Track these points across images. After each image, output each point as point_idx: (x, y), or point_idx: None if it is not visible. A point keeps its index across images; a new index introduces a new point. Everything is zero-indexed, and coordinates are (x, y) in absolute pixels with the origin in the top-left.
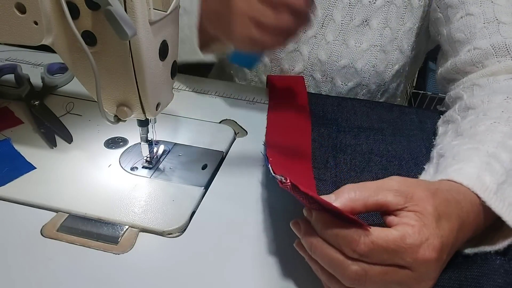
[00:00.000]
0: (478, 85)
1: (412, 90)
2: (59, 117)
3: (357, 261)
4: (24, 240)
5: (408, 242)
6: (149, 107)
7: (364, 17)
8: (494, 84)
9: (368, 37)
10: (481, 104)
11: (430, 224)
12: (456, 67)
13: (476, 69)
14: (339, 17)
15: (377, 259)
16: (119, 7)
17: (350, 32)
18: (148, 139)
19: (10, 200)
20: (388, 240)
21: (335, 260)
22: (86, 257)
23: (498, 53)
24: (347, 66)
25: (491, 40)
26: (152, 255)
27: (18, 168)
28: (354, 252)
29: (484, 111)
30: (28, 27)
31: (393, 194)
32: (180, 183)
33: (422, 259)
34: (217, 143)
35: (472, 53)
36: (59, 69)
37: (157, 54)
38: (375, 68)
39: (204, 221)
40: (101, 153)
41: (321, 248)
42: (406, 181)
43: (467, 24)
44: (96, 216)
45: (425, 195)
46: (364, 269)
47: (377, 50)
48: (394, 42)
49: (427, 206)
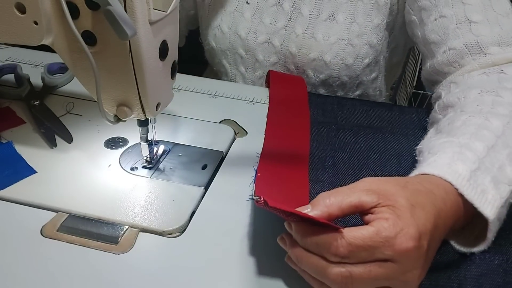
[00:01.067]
0: (454, 83)
1: (412, 90)
2: (59, 117)
3: (340, 264)
4: (24, 240)
5: (384, 235)
6: (149, 107)
7: (331, 12)
8: (469, 80)
9: (335, 30)
10: (457, 101)
11: (403, 215)
12: (435, 68)
13: (453, 69)
14: (307, 11)
15: (358, 258)
16: (119, 7)
17: (318, 26)
18: (148, 139)
19: (10, 200)
20: (364, 238)
21: (319, 267)
22: (86, 257)
23: (472, 51)
24: (316, 59)
25: (464, 40)
26: (152, 255)
27: (19, 172)
28: (335, 255)
29: (461, 107)
30: (28, 27)
31: (365, 194)
32: (180, 183)
33: (400, 250)
34: (217, 143)
35: (447, 54)
36: (59, 69)
37: (157, 54)
38: (344, 61)
39: (204, 221)
40: (101, 153)
41: (305, 257)
42: (377, 180)
43: (441, 25)
44: (96, 216)
45: (395, 189)
46: (348, 270)
47: (344, 44)
48: (362, 37)
49: (398, 199)
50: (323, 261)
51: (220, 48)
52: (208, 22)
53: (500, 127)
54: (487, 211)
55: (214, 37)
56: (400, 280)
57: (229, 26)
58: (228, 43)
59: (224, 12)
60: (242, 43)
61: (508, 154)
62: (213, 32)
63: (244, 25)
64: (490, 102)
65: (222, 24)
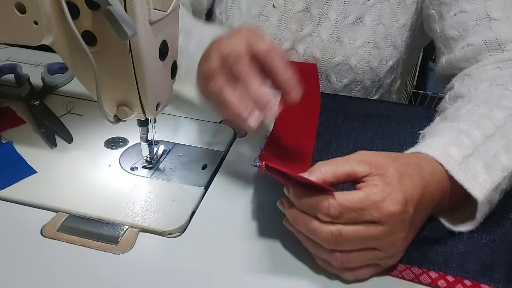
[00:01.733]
0: (468, 75)
1: (412, 90)
2: (59, 117)
3: (331, 223)
4: (24, 240)
5: (372, 199)
6: (149, 107)
7: (358, 15)
8: (483, 73)
9: (361, 34)
10: (468, 92)
11: (391, 182)
12: (451, 63)
13: (470, 65)
14: (334, 15)
15: (347, 219)
16: (119, 7)
17: (344, 30)
18: (148, 139)
19: (10, 200)
20: (354, 200)
21: (312, 226)
22: (86, 257)
23: (490, 48)
24: (341, 63)
25: (483, 36)
26: (152, 255)
27: (19, 172)
28: (326, 215)
29: (469, 98)
30: (28, 27)
31: (358, 164)
32: (180, 183)
33: (387, 212)
34: (217, 143)
35: (465, 50)
36: (59, 69)
37: (157, 54)
38: (369, 64)
39: (204, 221)
40: (101, 153)
41: (300, 218)
42: (369, 152)
43: (460, 21)
44: (96, 216)
45: (386, 160)
46: (338, 229)
47: (370, 47)
48: (387, 38)
49: (388, 169)
50: (316, 221)
51: None
52: (229, 22)
53: (502, 118)
54: (476, 193)
55: None
56: (387, 242)
57: None
58: None
59: (249, 15)
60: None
61: (505, 144)
62: None
63: (270, 31)
64: (497, 95)
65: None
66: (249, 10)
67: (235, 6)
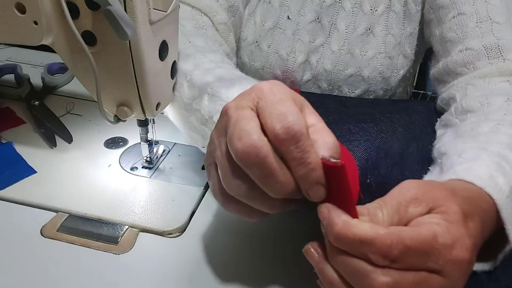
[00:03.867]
0: (472, 85)
1: (412, 90)
2: (59, 117)
3: (385, 269)
4: (24, 240)
5: (441, 241)
6: (149, 107)
7: (367, 25)
8: (491, 85)
9: (372, 45)
10: (480, 107)
11: (457, 222)
12: (448, 67)
13: (467, 71)
14: (343, 26)
15: (409, 264)
16: (119, 7)
17: (355, 41)
18: (148, 139)
19: (10, 200)
20: (420, 240)
21: (361, 271)
22: (86, 257)
23: (490, 55)
24: (354, 75)
25: (483, 40)
26: (152, 255)
27: (18, 172)
28: (385, 258)
29: (485, 114)
30: (28, 27)
31: (413, 206)
32: (180, 183)
33: (456, 260)
34: None
35: (464, 54)
36: (59, 69)
37: (157, 54)
38: (382, 75)
39: (204, 221)
40: (101, 153)
41: (341, 259)
42: (423, 185)
43: (459, 23)
44: (96, 216)
45: (444, 194)
46: (395, 281)
47: (382, 57)
48: (397, 48)
49: (451, 205)
50: (367, 264)
51: (254, 65)
52: (244, 35)
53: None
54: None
55: (250, 54)
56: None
57: (268, 44)
58: (265, 61)
59: (263, 28)
60: (281, 63)
61: None
62: (249, 48)
63: (286, 44)
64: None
65: (261, 41)
66: (263, 23)
67: (250, 19)
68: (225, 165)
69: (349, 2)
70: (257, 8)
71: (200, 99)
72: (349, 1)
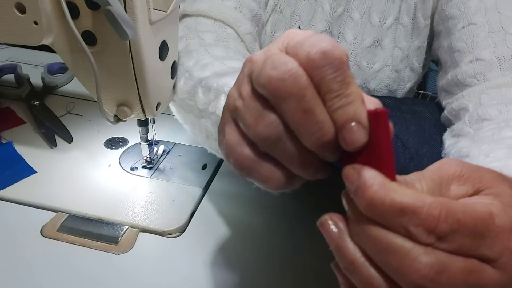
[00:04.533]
0: (486, 94)
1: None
2: (59, 117)
3: (429, 247)
4: (24, 240)
5: (499, 223)
6: (149, 107)
7: (376, 38)
8: (508, 94)
9: (380, 57)
10: (498, 114)
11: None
12: (457, 78)
13: (476, 82)
14: (351, 37)
15: (459, 245)
16: (119, 7)
17: (362, 53)
18: (148, 139)
19: (10, 200)
20: (475, 217)
21: (397, 249)
22: (86, 257)
23: (503, 66)
24: (359, 87)
25: (496, 51)
26: (152, 255)
27: (19, 172)
28: (431, 232)
29: (505, 121)
30: (28, 27)
31: (456, 184)
32: (180, 183)
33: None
34: None
35: (474, 64)
36: (59, 69)
37: (157, 54)
38: (388, 88)
39: (204, 221)
40: (101, 153)
41: (373, 232)
42: (465, 164)
43: (469, 33)
44: (96, 216)
45: (493, 176)
46: (442, 263)
47: (389, 70)
48: (404, 61)
49: (503, 188)
50: (406, 240)
51: None
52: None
53: None
54: None
55: None
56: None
57: None
58: None
59: (272, 38)
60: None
61: None
62: None
63: None
64: None
65: None
66: (273, 33)
67: (261, 30)
68: (251, 106)
69: (357, 12)
70: (269, 18)
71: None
72: (357, 11)
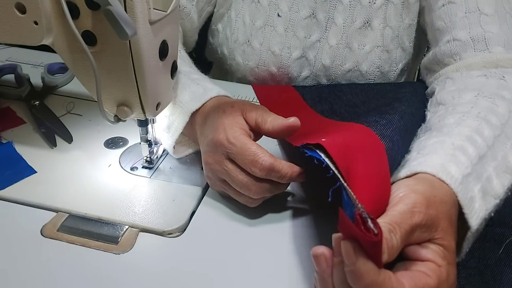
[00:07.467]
0: (450, 79)
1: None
2: (59, 117)
3: None
4: (24, 240)
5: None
6: (149, 107)
7: (365, 19)
8: (467, 79)
9: (370, 38)
10: (451, 99)
11: (453, 260)
12: (436, 57)
13: (453, 62)
14: (341, 20)
15: None
16: (119, 7)
17: (353, 35)
18: (148, 139)
19: (10, 200)
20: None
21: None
22: (86, 257)
23: (477, 47)
24: (352, 70)
25: (471, 32)
26: (152, 255)
27: (19, 172)
28: None
29: (453, 106)
30: (28, 27)
31: (419, 231)
32: (180, 183)
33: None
34: None
35: (451, 44)
36: (59, 69)
37: (157, 54)
38: (380, 69)
39: (204, 221)
40: (101, 153)
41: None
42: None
43: (448, 12)
44: (96, 216)
45: (446, 224)
46: None
47: (380, 51)
48: (395, 40)
49: (450, 239)
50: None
51: (248, 64)
52: (234, 37)
53: (491, 137)
54: (472, 220)
55: (242, 54)
56: None
57: (260, 42)
58: (259, 59)
59: (253, 27)
60: (275, 60)
61: (495, 166)
62: (242, 48)
63: (277, 40)
64: (485, 109)
65: (252, 39)
66: (253, 22)
67: (239, 20)
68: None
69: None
70: (243, 8)
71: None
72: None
